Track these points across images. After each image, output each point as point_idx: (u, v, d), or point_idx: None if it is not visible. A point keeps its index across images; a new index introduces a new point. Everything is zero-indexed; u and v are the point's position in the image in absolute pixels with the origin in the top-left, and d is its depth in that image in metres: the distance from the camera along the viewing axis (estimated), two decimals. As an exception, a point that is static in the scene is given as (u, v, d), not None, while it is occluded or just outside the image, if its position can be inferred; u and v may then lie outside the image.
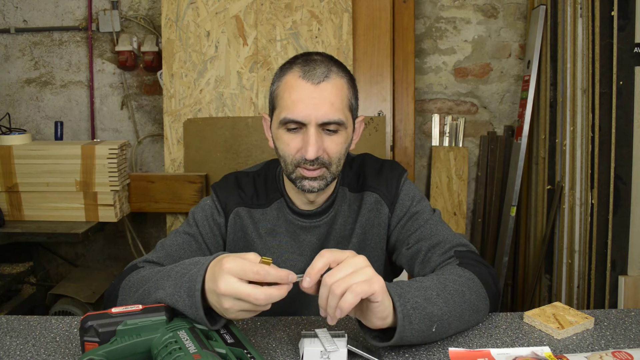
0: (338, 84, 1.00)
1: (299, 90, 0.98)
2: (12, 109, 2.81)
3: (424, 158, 2.82)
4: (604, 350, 0.86)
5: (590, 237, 2.13)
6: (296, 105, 0.98)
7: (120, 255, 2.92)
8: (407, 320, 0.81)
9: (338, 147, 1.01)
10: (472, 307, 0.92)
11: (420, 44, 2.73)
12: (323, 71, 0.99)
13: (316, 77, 0.98)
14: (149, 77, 2.76)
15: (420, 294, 0.85)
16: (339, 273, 0.76)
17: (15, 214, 2.31)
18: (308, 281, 0.78)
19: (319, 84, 0.98)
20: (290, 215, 1.12)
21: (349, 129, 1.04)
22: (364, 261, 0.79)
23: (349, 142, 1.06)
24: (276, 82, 1.04)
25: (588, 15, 2.14)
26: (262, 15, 2.41)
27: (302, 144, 1.00)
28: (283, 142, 1.02)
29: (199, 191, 2.41)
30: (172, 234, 1.13)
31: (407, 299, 0.82)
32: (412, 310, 0.82)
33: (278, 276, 0.76)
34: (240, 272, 0.75)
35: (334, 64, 1.02)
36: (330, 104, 0.98)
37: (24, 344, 0.90)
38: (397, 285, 0.84)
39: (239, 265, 0.75)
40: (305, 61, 1.01)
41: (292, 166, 1.02)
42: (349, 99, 1.03)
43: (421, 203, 1.14)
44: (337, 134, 1.01)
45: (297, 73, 1.00)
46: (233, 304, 0.76)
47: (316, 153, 0.98)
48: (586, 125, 2.17)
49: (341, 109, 1.00)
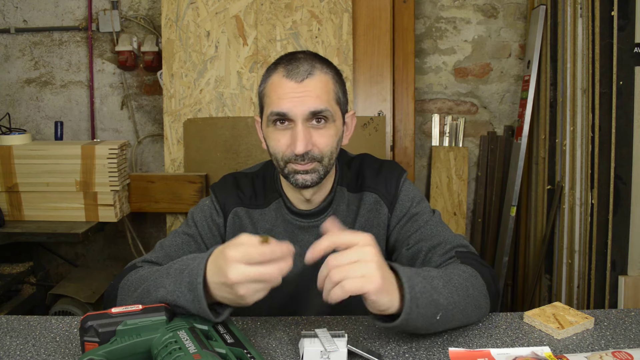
0: (322, 79, 1.01)
1: (283, 87, 1.00)
2: (12, 109, 2.81)
3: (424, 158, 2.82)
4: (604, 350, 0.86)
5: (590, 237, 2.13)
6: (282, 100, 1.00)
7: (120, 255, 2.92)
8: (414, 303, 0.81)
9: (328, 140, 1.02)
10: (474, 303, 0.92)
11: (420, 44, 2.73)
12: (306, 69, 1.00)
13: (299, 75, 1.00)
14: (149, 77, 2.76)
15: (427, 282, 0.85)
16: (342, 258, 0.77)
17: (15, 214, 2.31)
18: (309, 257, 0.79)
19: (303, 82, 0.99)
20: (288, 216, 1.12)
21: (338, 122, 1.05)
22: (372, 254, 0.78)
23: (340, 136, 1.06)
24: (262, 83, 1.06)
25: (588, 15, 2.14)
26: (262, 15, 2.41)
27: (291, 140, 1.01)
28: (273, 139, 1.03)
29: (199, 191, 2.41)
30: (171, 235, 1.13)
31: (415, 283, 0.82)
32: (420, 294, 0.82)
33: (282, 251, 0.78)
34: (247, 257, 0.76)
35: (317, 61, 1.03)
36: (316, 96, 0.99)
37: (24, 344, 0.90)
38: (407, 270, 0.85)
39: (244, 251, 0.76)
40: (288, 61, 1.02)
41: (283, 162, 1.03)
42: (335, 92, 1.04)
43: (421, 204, 1.14)
44: (325, 127, 1.02)
45: (281, 73, 1.01)
46: (248, 289, 0.77)
47: (305, 147, 0.99)
48: (586, 125, 2.17)
49: (327, 101, 1.01)
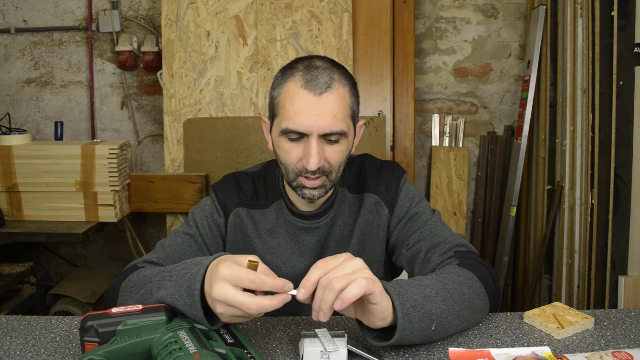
0: (340, 93, 0.98)
1: (300, 101, 0.97)
2: (12, 109, 2.81)
3: (424, 158, 2.82)
4: (604, 350, 0.86)
5: (590, 237, 2.13)
6: (298, 116, 0.96)
7: (120, 255, 2.92)
8: (406, 319, 0.81)
9: (339, 156, 1.01)
10: (471, 306, 0.92)
11: (420, 44, 2.73)
12: (325, 81, 0.97)
13: (318, 88, 0.96)
14: (149, 77, 2.76)
15: (419, 292, 0.85)
16: (335, 274, 0.76)
17: (15, 214, 2.31)
18: (303, 293, 0.77)
19: (321, 95, 0.96)
20: (289, 216, 1.12)
21: (350, 137, 1.03)
22: (362, 263, 0.79)
23: (350, 148, 1.06)
24: (277, 88, 1.02)
25: (588, 15, 2.14)
26: (262, 15, 2.41)
27: (303, 153, 0.99)
28: (284, 150, 1.01)
29: (199, 191, 2.41)
30: (172, 235, 1.13)
31: (406, 298, 0.82)
32: (412, 308, 0.82)
33: (274, 285, 0.75)
34: (235, 279, 0.74)
35: (336, 71, 1.00)
36: (333, 116, 0.97)
37: (24, 344, 0.90)
38: (396, 284, 0.84)
39: (234, 272, 0.75)
40: (307, 68, 0.99)
41: (293, 174, 1.02)
42: (351, 108, 1.01)
43: (421, 204, 1.14)
44: (338, 143, 1.00)
45: (299, 82, 0.97)
46: (226, 310, 0.76)
47: (318, 164, 0.97)
48: (586, 125, 2.17)
49: (343, 119, 0.98)
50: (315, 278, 0.77)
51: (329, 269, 0.78)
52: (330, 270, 0.78)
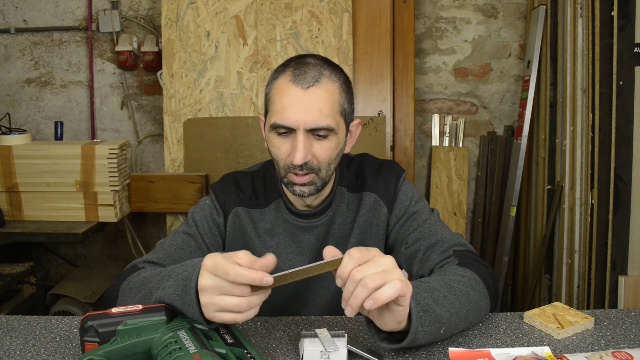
0: (329, 88, 0.98)
1: (288, 95, 0.97)
2: (12, 109, 2.81)
3: (424, 158, 2.82)
4: (604, 350, 0.86)
5: (590, 237, 2.13)
6: (285, 110, 0.97)
7: (120, 255, 2.92)
8: (419, 323, 0.80)
9: (327, 153, 1.00)
10: (475, 307, 0.92)
11: (420, 44, 2.73)
12: (314, 75, 0.98)
13: (306, 82, 0.97)
14: (149, 77, 2.76)
15: (429, 296, 0.84)
16: (368, 269, 0.74)
17: (15, 214, 2.31)
18: (340, 282, 0.76)
19: (308, 89, 0.97)
20: (288, 216, 1.12)
21: (341, 134, 1.03)
22: (393, 262, 0.77)
23: (341, 146, 1.05)
24: (269, 84, 1.04)
25: (588, 15, 2.14)
26: (262, 15, 2.41)
27: (291, 148, 0.99)
28: (274, 146, 1.02)
29: (199, 191, 2.41)
30: (172, 234, 1.13)
31: (418, 301, 0.82)
32: (423, 312, 0.82)
33: (250, 278, 0.73)
34: (215, 268, 0.75)
35: (326, 67, 1.00)
36: (319, 110, 0.97)
37: (24, 344, 0.90)
38: None
39: (214, 262, 0.75)
40: (297, 64, 1.00)
41: (284, 170, 1.02)
42: (340, 104, 1.01)
43: (419, 203, 1.14)
44: (326, 139, 1.00)
45: (288, 77, 0.99)
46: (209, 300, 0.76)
47: (304, 159, 0.97)
48: (586, 125, 2.17)
49: (330, 115, 0.98)
50: (351, 267, 0.75)
51: (362, 261, 0.76)
52: (363, 263, 0.75)
